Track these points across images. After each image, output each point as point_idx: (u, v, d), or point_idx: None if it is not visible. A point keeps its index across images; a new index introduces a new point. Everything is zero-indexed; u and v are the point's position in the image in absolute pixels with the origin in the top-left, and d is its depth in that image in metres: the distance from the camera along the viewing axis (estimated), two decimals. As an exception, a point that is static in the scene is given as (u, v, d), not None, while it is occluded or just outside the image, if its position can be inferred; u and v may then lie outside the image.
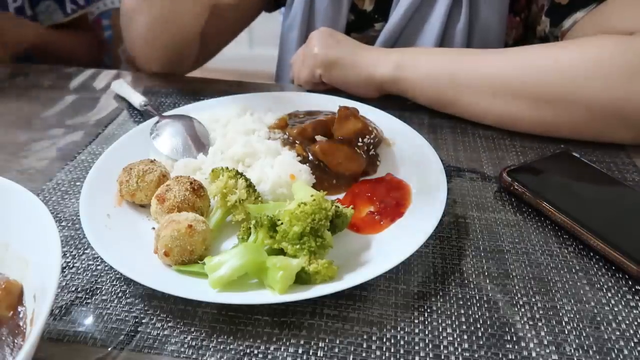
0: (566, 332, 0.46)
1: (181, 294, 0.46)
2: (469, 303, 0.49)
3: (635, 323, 0.47)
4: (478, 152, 0.73)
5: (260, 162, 0.63)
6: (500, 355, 0.44)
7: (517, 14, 0.88)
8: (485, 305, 0.49)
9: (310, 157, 0.67)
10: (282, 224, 0.49)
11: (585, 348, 0.45)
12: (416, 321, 0.47)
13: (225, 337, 0.46)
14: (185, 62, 0.99)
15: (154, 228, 0.55)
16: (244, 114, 0.73)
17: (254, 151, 0.64)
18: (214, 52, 1.09)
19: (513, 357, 0.44)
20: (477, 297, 0.50)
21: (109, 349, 0.44)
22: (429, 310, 0.48)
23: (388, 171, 0.66)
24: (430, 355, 0.44)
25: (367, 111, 0.73)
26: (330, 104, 0.75)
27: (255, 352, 0.44)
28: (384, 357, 0.44)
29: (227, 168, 0.57)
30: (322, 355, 0.44)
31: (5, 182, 0.45)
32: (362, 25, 0.94)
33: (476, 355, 0.44)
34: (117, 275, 0.51)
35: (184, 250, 0.50)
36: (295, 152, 0.66)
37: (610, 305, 0.49)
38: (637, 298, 0.50)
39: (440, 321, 0.47)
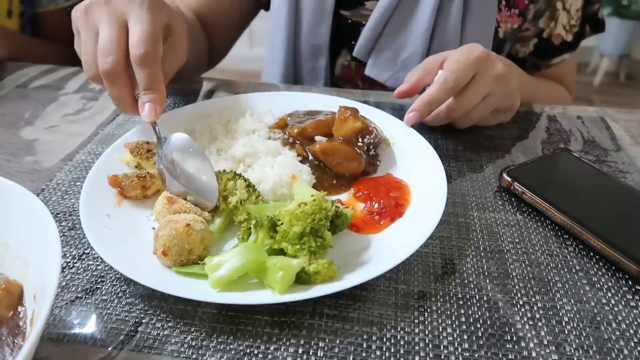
0: (566, 332, 0.46)
1: (181, 294, 0.45)
2: (469, 303, 0.49)
3: (635, 323, 0.47)
4: (478, 152, 0.73)
5: (261, 162, 0.63)
6: (500, 355, 0.44)
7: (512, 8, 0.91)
8: (485, 305, 0.49)
9: (310, 157, 0.67)
10: (282, 224, 0.49)
11: (585, 348, 0.45)
12: (416, 321, 0.47)
13: (225, 337, 0.45)
14: (192, 66, 0.99)
15: (153, 228, 0.55)
16: (244, 114, 0.73)
17: (254, 151, 0.64)
18: (222, 52, 1.10)
19: (513, 357, 0.44)
20: (477, 297, 0.50)
21: (109, 349, 0.44)
22: (429, 310, 0.48)
23: (388, 171, 0.66)
24: (430, 355, 0.44)
25: (367, 111, 0.73)
26: (330, 104, 0.75)
27: (255, 352, 0.44)
28: (384, 357, 0.44)
29: (224, 170, 0.57)
30: (322, 355, 0.44)
31: (5, 182, 0.45)
32: (352, 3, 0.94)
33: (476, 355, 0.44)
34: (117, 275, 0.51)
35: (182, 249, 0.49)
36: (295, 152, 0.66)
37: (610, 305, 0.49)
38: (637, 298, 0.50)
39: (440, 321, 0.47)
